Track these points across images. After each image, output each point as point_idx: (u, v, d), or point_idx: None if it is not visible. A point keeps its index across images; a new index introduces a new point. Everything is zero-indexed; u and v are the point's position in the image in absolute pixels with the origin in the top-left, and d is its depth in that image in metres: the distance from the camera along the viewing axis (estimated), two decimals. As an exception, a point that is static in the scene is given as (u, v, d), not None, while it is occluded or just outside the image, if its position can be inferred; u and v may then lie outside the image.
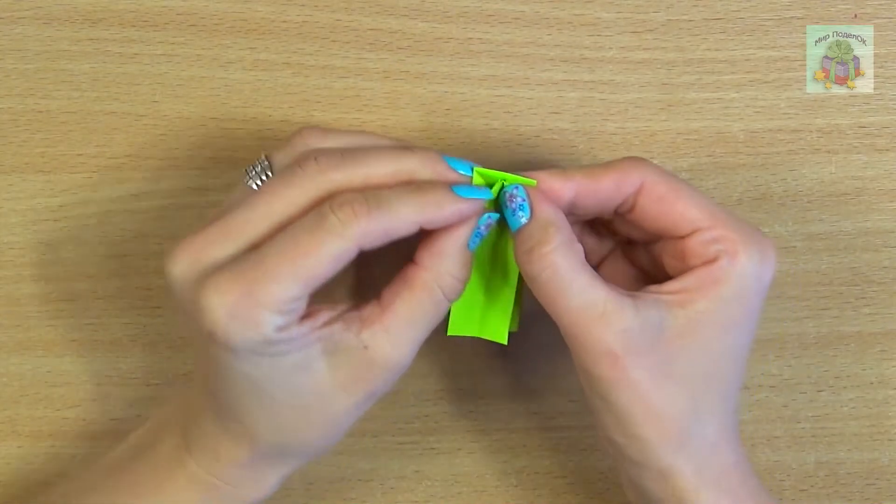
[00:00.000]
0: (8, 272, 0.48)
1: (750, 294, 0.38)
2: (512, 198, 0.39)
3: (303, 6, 0.49)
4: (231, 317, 0.35)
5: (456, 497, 0.49)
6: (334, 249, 0.35)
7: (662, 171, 0.39)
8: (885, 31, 0.50)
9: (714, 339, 0.38)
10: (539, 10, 0.49)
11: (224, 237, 0.36)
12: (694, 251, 0.38)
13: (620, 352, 0.37)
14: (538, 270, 0.38)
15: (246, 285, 0.35)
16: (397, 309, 0.38)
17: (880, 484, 0.49)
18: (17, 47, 0.49)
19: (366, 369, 0.37)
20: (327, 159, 0.37)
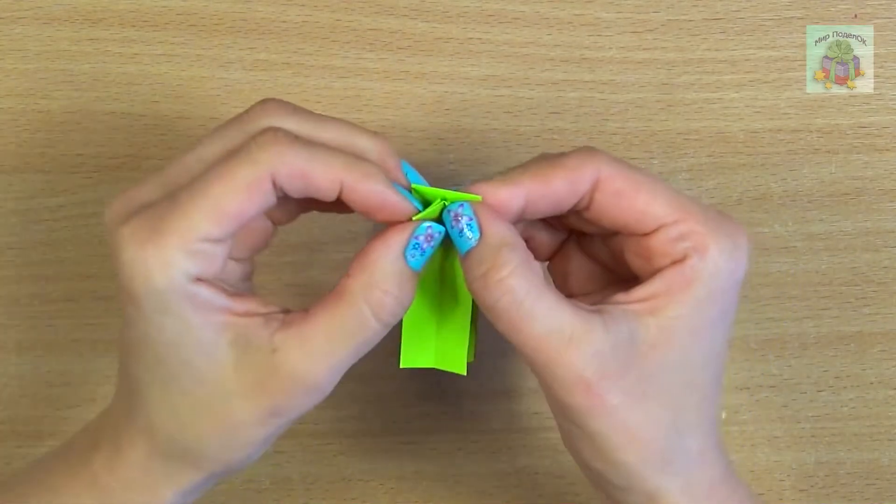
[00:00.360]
0: (8, 272, 0.48)
1: (724, 290, 0.35)
2: (457, 217, 0.35)
3: (303, 6, 0.49)
4: (137, 257, 0.32)
5: (456, 497, 0.49)
6: (245, 175, 0.32)
7: (619, 162, 0.35)
8: (885, 31, 0.50)
9: (690, 345, 0.35)
10: (539, 10, 0.49)
11: (153, 183, 0.34)
12: (660, 250, 0.34)
13: (594, 378, 0.33)
14: (495, 297, 0.34)
15: (153, 221, 0.32)
16: (318, 319, 0.34)
17: (880, 484, 0.49)
18: (17, 47, 0.49)
19: (270, 376, 0.33)
20: (277, 104, 0.34)
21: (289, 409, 0.34)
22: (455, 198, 0.35)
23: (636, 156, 0.49)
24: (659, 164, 0.49)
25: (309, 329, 0.34)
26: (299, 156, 0.32)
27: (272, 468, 0.48)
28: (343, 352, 0.34)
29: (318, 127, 0.34)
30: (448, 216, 0.35)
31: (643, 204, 0.35)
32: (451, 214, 0.35)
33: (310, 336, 0.33)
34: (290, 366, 0.33)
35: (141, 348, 0.34)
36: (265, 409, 0.34)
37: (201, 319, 0.33)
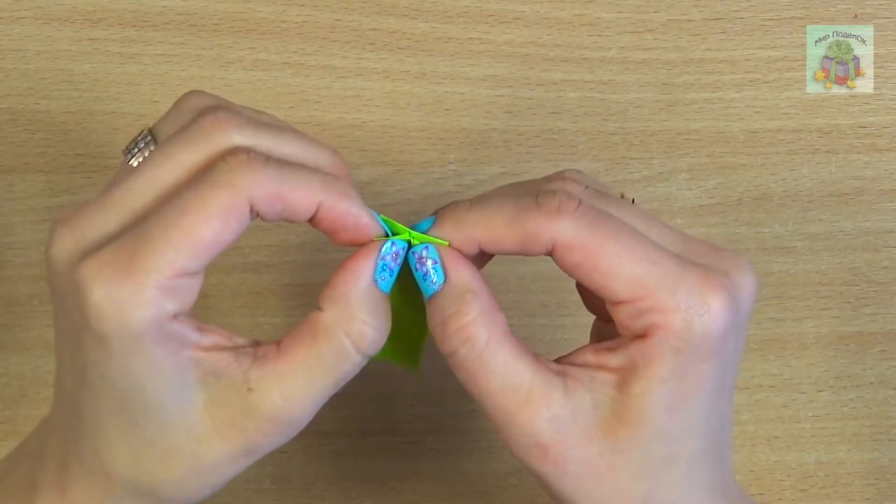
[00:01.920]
0: (8, 272, 0.48)
1: (698, 360, 0.31)
2: (422, 260, 0.33)
3: (303, 6, 0.49)
4: (109, 296, 0.29)
5: (456, 497, 0.49)
6: (222, 202, 0.29)
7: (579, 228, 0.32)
8: (885, 31, 0.50)
9: (665, 420, 0.32)
10: (539, 10, 0.49)
11: (106, 210, 0.31)
12: (621, 323, 0.32)
13: (550, 443, 0.32)
14: (455, 345, 0.32)
15: (125, 257, 0.29)
16: (295, 355, 0.32)
17: (880, 484, 0.49)
18: (17, 47, 0.49)
19: (246, 416, 0.31)
20: (228, 116, 0.31)
21: (264, 447, 0.33)
22: (420, 239, 0.33)
23: (636, 156, 0.49)
24: (659, 164, 0.49)
25: (286, 366, 0.32)
26: (276, 179, 0.30)
27: (272, 468, 0.48)
28: (323, 387, 0.32)
29: (277, 141, 0.32)
30: (412, 258, 0.33)
31: (600, 279, 0.32)
32: (415, 256, 0.33)
33: (287, 373, 0.32)
34: (268, 406, 0.31)
35: (98, 390, 0.31)
36: (239, 448, 0.32)
37: (173, 361, 0.31)
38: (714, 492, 0.33)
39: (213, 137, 0.31)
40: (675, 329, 0.31)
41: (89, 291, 0.29)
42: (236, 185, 0.30)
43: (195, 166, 0.31)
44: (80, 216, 0.31)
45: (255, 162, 0.30)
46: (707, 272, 0.32)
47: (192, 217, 0.29)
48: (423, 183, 0.49)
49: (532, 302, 0.48)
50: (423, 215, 0.49)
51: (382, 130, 0.49)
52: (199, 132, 0.31)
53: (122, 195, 0.31)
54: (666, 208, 0.49)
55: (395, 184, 0.49)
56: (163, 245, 0.29)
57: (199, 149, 0.31)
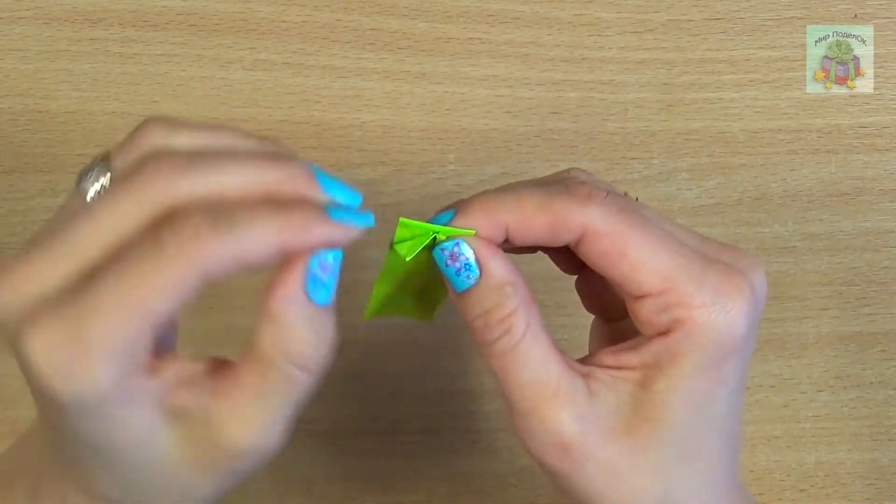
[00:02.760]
0: (8, 272, 0.48)
1: (719, 359, 0.32)
2: (454, 257, 0.33)
3: (303, 6, 0.49)
4: (54, 367, 0.28)
5: (456, 497, 0.49)
6: (173, 279, 0.28)
7: (610, 215, 0.32)
8: (885, 31, 0.50)
9: (685, 417, 0.32)
10: (539, 10, 0.49)
11: (48, 264, 0.29)
12: (645, 319, 0.32)
13: (571, 443, 0.32)
14: (495, 336, 0.32)
15: (71, 327, 0.28)
16: (246, 383, 0.31)
17: (880, 484, 0.49)
18: (17, 47, 0.49)
19: (214, 449, 0.31)
20: (170, 162, 0.30)
21: (241, 472, 0.32)
22: (447, 233, 0.33)
23: (636, 156, 0.49)
24: (659, 164, 0.49)
25: (240, 396, 0.30)
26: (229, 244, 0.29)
27: (272, 468, 0.48)
28: (282, 411, 0.31)
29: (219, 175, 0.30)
30: (442, 255, 0.33)
31: (628, 269, 0.32)
32: (445, 253, 0.33)
33: (242, 403, 0.30)
34: (230, 438, 0.31)
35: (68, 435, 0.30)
36: (218, 477, 0.32)
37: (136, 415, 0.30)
38: (729, 489, 0.34)
39: (155, 189, 0.29)
40: (701, 325, 0.31)
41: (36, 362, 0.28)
42: (187, 263, 0.28)
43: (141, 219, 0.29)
44: (23, 268, 0.29)
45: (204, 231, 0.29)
46: (729, 269, 0.32)
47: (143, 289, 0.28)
48: (423, 183, 0.49)
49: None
50: (423, 215, 0.49)
51: (382, 130, 0.49)
52: (142, 181, 0.30)
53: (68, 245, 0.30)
54: (666, 208, 0.49)
55: (395, 184, 0.49)
56: (109, 318, 0.28)
57: (143, 201, 0.29)
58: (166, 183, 0.30)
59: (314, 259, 0.30)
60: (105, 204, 0.30)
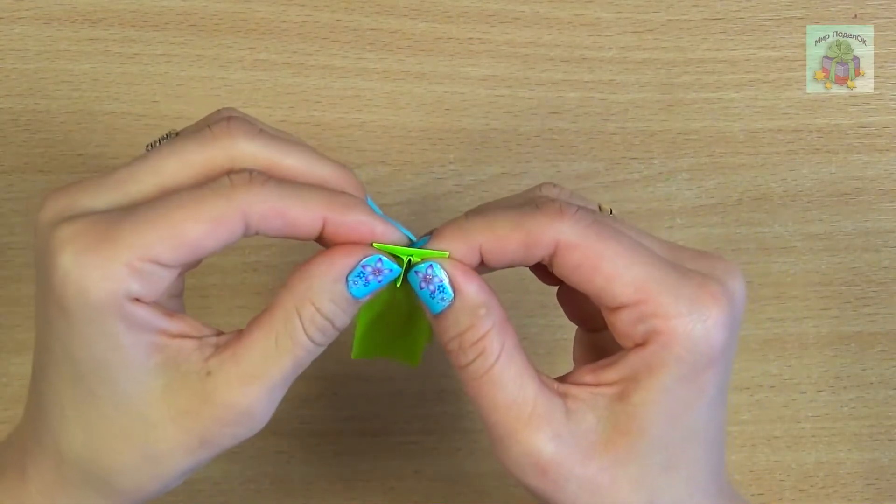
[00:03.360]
0: (8, 272, 0.48)
1: (698, 369, 0.31)
2: (428, 279, 0.32)
3: (303, 6, 0.49)
4: (76, 263, 0.29)
5: (456, 497, 0.49)
6: (215, 211, 0.30)
7: (581, 228, 0.32)
8: (885, 31, 0.50)
9: (665, 429, 0.32)
10: (539, 10, 0.49)
11: (102, 186, 0.31)
12: (621, 331, 0.32)
13: (549, 463, 0.32)
14: (470, 358, 0.32)
15: (104, 231, 0.29)
16: (251, 336, 0.31)
17: (880, 484, 0.49)
18: (17, 47, 0.49)
19: (202, 402, 0.31)
20: (240, 125, 0.32)
21: (220, 438, 0.32)
22: (421, 255, 0.32)
23: (636, 156, 0.49)
24: (659, 164, 0.49)
25: (242, 349, 0.31)
26: (278, 197, 0.31)
27: (272, 468, 0.48)
28: (276, 372, 0.32)
29: (283, 153, 0.32)
30: (416, 277, 0.32)
31: (602, 281, 0.31)
32: (419, 276, 0.32)
33: (243, 356, 0.31)
34: (223, 390, 0.31)
35: (59, 362, 0.31)
36: (195, 437, 0.31)
37: (133, 339, 0.30)
38: (713, 494, 0.34)
39: (220, 140, 0.31)
40: (679, 336, 0.31)
41: (59, 254, 0.29)
42: (233, 197, 0.30)
43: (200, 166, 0.31)
44: (75, 187, 0.31)
45: (256, 180, 0.30)
46: (704, 279, 0.32)
47: (183, 214, 0.30)
48: (423, 183, 0.49)
49: (532, 302, 0.48)
50: (423, 215, 0.50)
51: (382, 130, 0.49)
52: (209, 134, 0.31)
53: (122, 177, 0.31)
54: (666, 208, 0.49)
55: (395, 184, 0.49)
56: (143, 227, 0.29)
57: (205, 149, 0.31)
58: (231, 140, 0.31)
59: (374, 257, 0.32)
60: (168, 148, 0.31)
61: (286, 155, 0.32)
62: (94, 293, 0.29)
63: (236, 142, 0.31)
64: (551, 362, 0.49)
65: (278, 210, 0.31)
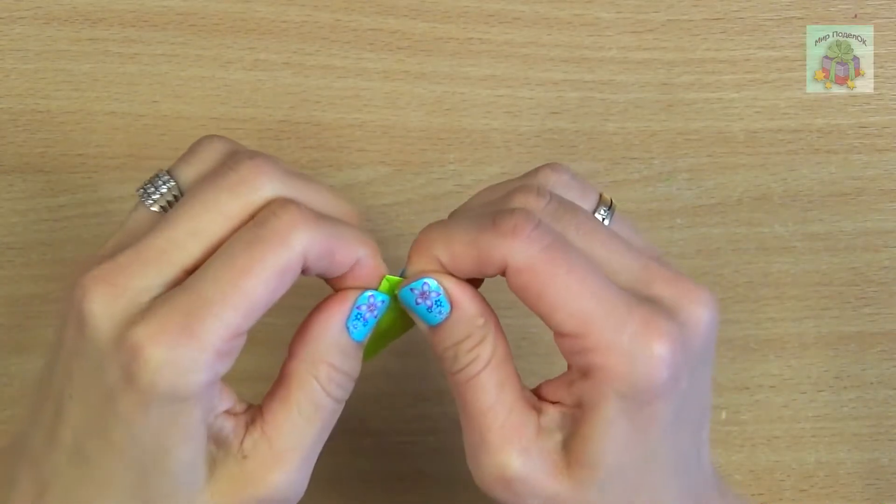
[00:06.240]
0: (8, 272, 0.48)
1: (643, 402, 0.31)
2: (424, 295, 0.32)
3: (303, 6, 0.49)
4: (167, 360, 0.28)
5: (456, 497, 0.49)
6: (279, 261, 0.29)
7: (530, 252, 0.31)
8: (885, 31, 0.50)
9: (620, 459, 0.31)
10: (539, 10, 0.49)
11: (146, 264, 0.30)
12: (566, 355, 0.32)
13: (514, 477, 0.32)
14: (462, 365, 0.32)
15: (183, 319, 0.29)
16: (275, 411, 0.32)
17: (880, 484, 0.49)
18: (17, 47, 0.49)
19: (243, 487, 0.31)
20: (265, 162, 0.31)
21: None
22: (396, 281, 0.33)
23: (636, 156, 0.49)
24: (659, 164, 0.49)
25: (270, 428, 0.32)
26: (327, 235, 0.30)
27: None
28: (308, 441, 0.32)
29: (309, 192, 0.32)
30: (411, 295, 0.33)
31: (546, 308, 0.31)
32: (415, 293, 0.32)
33: (273, 435, 0.31)
34: (261, 473, 0.31)
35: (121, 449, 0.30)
36: None
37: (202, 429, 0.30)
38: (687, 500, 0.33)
39: (252, 185, 0.30)
40: (618, 373, 0.30)
41: (148, 354, 0.28)
42: (292, 243, 0.29)
43: (238, 215, 0.30)
44: (119, 272, 0.30)
45: (308, 217, 0.30)
46: (652, 315, 0.31)
47: (250, 278, 0.29)
48: (423, 183, 0.49)
49: (532, 302, 0.48)
50: (423, 215, 0.50)
51: (382, 130, 0.49)
52: (237, 179, 0.30)
53: (163, 247, 0.30)
54: (666, 208, 0.49)
55: (395, 184, 0.49)
56: (221, 307, 0.29)
57: (240, 197, 0.30)
58: (262, 181, 0.30)
59: (364, 295, 0.32)
60: (196, 199, 0.30)
61: (313, 194, 0.32)
62: (189, 388, 0.29)
63: (268, 183, 0.31)
64: (551, 362, 0.49)
65: (330, 251, 0.30)
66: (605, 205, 0.35)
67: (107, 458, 0.31)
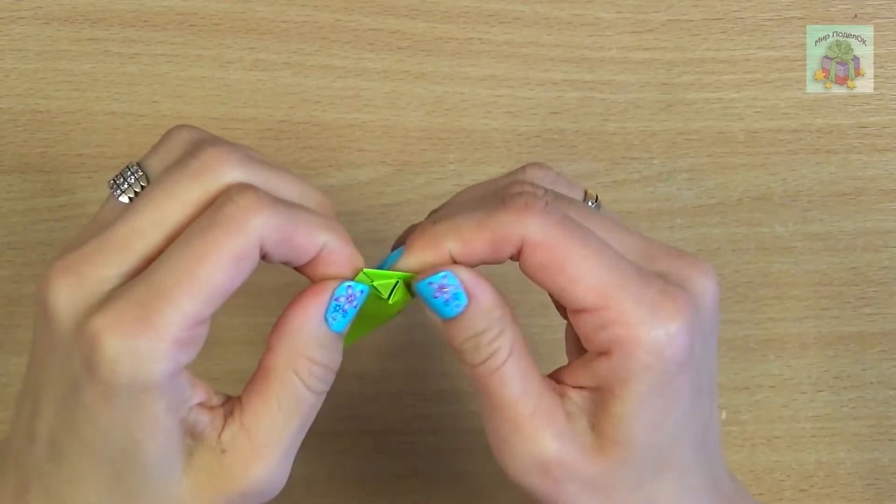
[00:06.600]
0: (8, 272, 0.48)
1: (670, 375, 0.31)
2: (442, 289, 0.32)
3: (303, 6, 0.49)
4: (125, 350, 0.28)
5: (456, 497, 0.49)
6: (235, 246, 0.29)
7: (546, 227, 0.31)
8: (885, 31, 0.50)
9: (648, 437, 0.32)
10: (539, 10, 0.49)
11: (108, 253, 0.30)
12: (585, 336, 0.32)
13: (552, 462, 0.32)
14: (482, 358, 0.32)
15: (140, 309, 0.28)
16: (255, 406, 0.31)
17: (880, 484, 0.49)
18: (17, 47, 0.49)
19: (222, 481, 0.31)
20: (228, 150, 0.31)
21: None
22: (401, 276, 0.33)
23: (636, 156, 0.49)
24: (659, 164, 0.49)
25: (249, 419, 0.31)
26: (285, 219, 0.30)
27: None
28: (288, 435, 0.32)
29: (273, 178, 0.31)
30: (430, 288, 0.32)
31: (565, 282, 0.31)
32: (433, 287, 0.32)
33: (252, 429, 0.31)
34: (241, 466, 0.31)
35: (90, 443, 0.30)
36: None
37: (171, 422, 0.30)
38: (707, 491, 0.34)
39: (214, 172, 0.30)
40: (642, 344, 0.30)
41: (105, 344, 0.28)
42: (247, 227, 0.29)
43: (199, 202, 0.30)
44: (78, 258, 0.30)
45: (265, 201, 0.29)
46: (666, 285, 0.31)
47: (206, 264, 0.29)
48: (423, 183, 0.49)
49: (532, 302, 0.48)
50: (423, 215, 0.49)
51: (382, 130, 0.49)
52: (199, 166, 0.30)
53: (125, 236, 0.30)
54: (666, 208, 0.49)
55: (395, 184, 0.49)
56: (177, 295, 0.29)
57: (201, 184, 0.30)
58: (222, 168, 0.30)
59: (343, 286, 0.32)
60: (159, 188, 0.30)
61: (277, 180, 0.31)
62: (149, 377, 0.29)
63: (230, 171, 0.30)
64: (552, 363, 0.49)
65: (288, 236, 0.30)
66: (591, 199, 0.35)
67: (79, 452, 0.31)
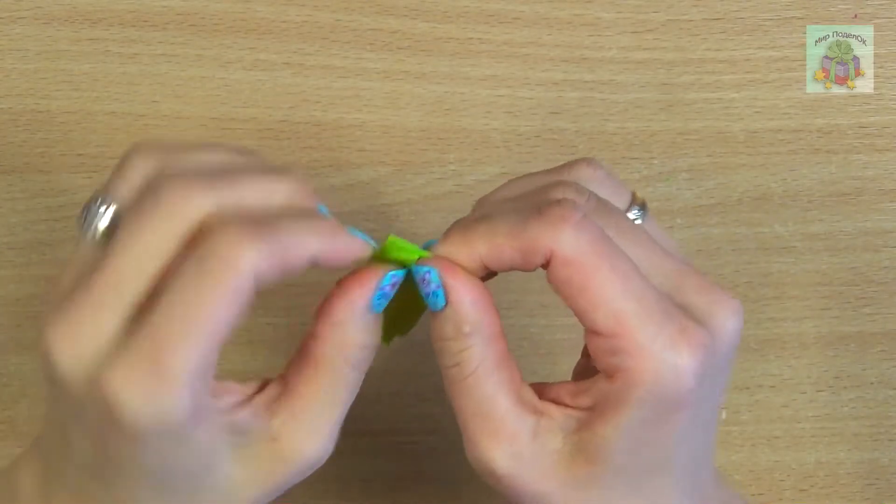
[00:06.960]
0: (8, 272, 0.48)
1: (666, 410, 0.31)
2: (424, 283, 0.33)
3: (303, 6, 0.49)
4: (145, 401, 0.29)
5: (456, 497, 0.49)
6: (230, 287, 0.29)
7: (579, 243, 0.31)
8: (885, 31, 0.50)
9: (626, 461, 0.32)
10: (539, 10, 0.49)
11: (99, 306, 0.30)
12: (595, 355, 0.32)
13: (502, 477, 0.32)
14: (448, 363, 0.33)
15: (150, 360, 0.29)
16: (303, 392, 0.33)
17: (880, 484, 0.49)
18: (17, 47, 0.49)
19: (276, 463, 0.33)
20: (184, 181, 0.30)
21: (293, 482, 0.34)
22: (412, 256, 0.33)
23: (636, 156, 0.49)
24: (659, 164, 0.49)
25: (300, 407, 0.33)
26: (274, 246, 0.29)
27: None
28: (339, 413, 0.34)
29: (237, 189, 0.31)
30: (416, 277, 0.33)
31: (586, 304, 0.31)
32: (418, 277, 0.33)
33: (303, 414, 0.33)
34: (296, 450, 0.33)
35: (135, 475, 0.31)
36: (270, 490, 0.33)
37: (207, 438, 0.31)
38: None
39: (181, 210, 0.30)
40: (645, 379, 0.30)
41: (123, 400, 0.29)
42: (240, 267, 0.29)
43: (178, 236, 0.30)
44: (73, 317, 0.30)
45: (249, 235, 0.29)
46: (685, 322, 0.31)
47: (206, 308, 0.29)
48: (423, 183, 0.49)
49: (532, 302, 0.48)
50: (423, 215, 0.50)
51: (382, 130, 0.49)
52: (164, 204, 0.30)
53: (112, 284, 0.30)
54: (666, 208, 0.49)
55: (395, 184, 0.49)
56: (184, 341, 0.29)
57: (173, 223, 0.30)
58: (188, 200, 0.30)
59: (388, 276, 0.33)
60: (134, 234, 0.30)
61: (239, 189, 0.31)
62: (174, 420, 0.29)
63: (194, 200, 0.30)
64: (552, 363, 0.49)
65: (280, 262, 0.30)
66: (638, 204, 0.35)
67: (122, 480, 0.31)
